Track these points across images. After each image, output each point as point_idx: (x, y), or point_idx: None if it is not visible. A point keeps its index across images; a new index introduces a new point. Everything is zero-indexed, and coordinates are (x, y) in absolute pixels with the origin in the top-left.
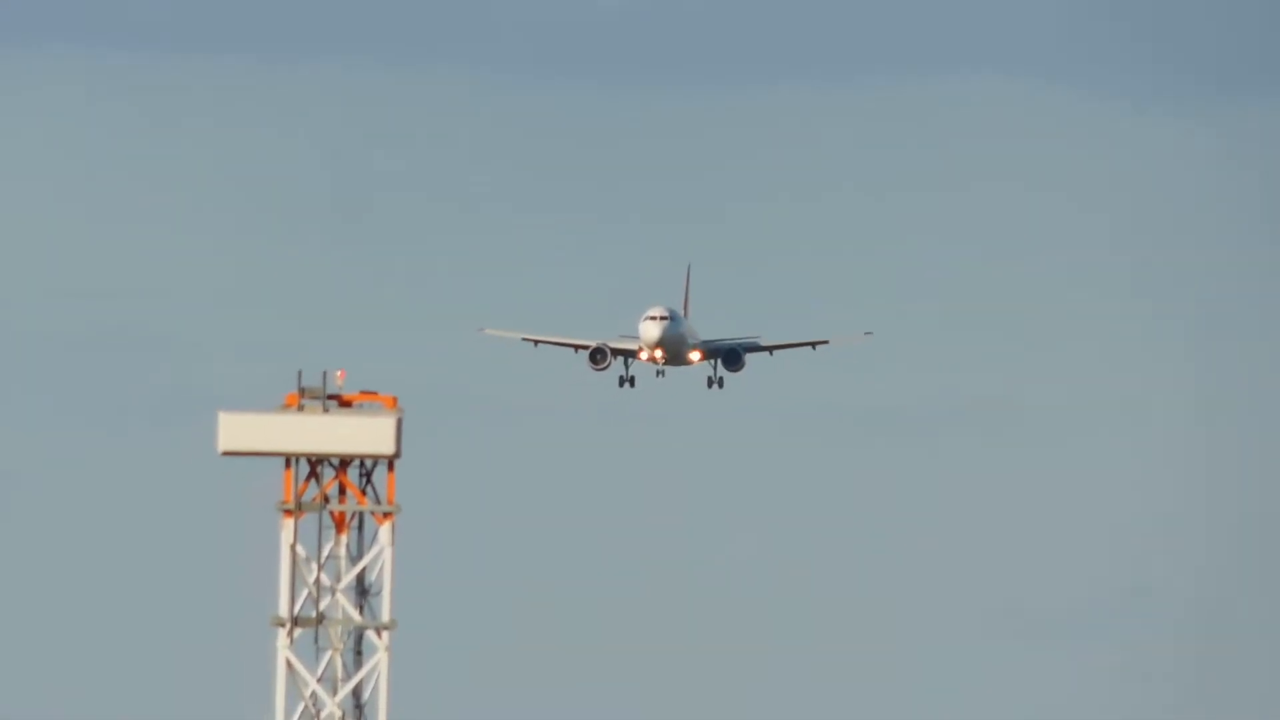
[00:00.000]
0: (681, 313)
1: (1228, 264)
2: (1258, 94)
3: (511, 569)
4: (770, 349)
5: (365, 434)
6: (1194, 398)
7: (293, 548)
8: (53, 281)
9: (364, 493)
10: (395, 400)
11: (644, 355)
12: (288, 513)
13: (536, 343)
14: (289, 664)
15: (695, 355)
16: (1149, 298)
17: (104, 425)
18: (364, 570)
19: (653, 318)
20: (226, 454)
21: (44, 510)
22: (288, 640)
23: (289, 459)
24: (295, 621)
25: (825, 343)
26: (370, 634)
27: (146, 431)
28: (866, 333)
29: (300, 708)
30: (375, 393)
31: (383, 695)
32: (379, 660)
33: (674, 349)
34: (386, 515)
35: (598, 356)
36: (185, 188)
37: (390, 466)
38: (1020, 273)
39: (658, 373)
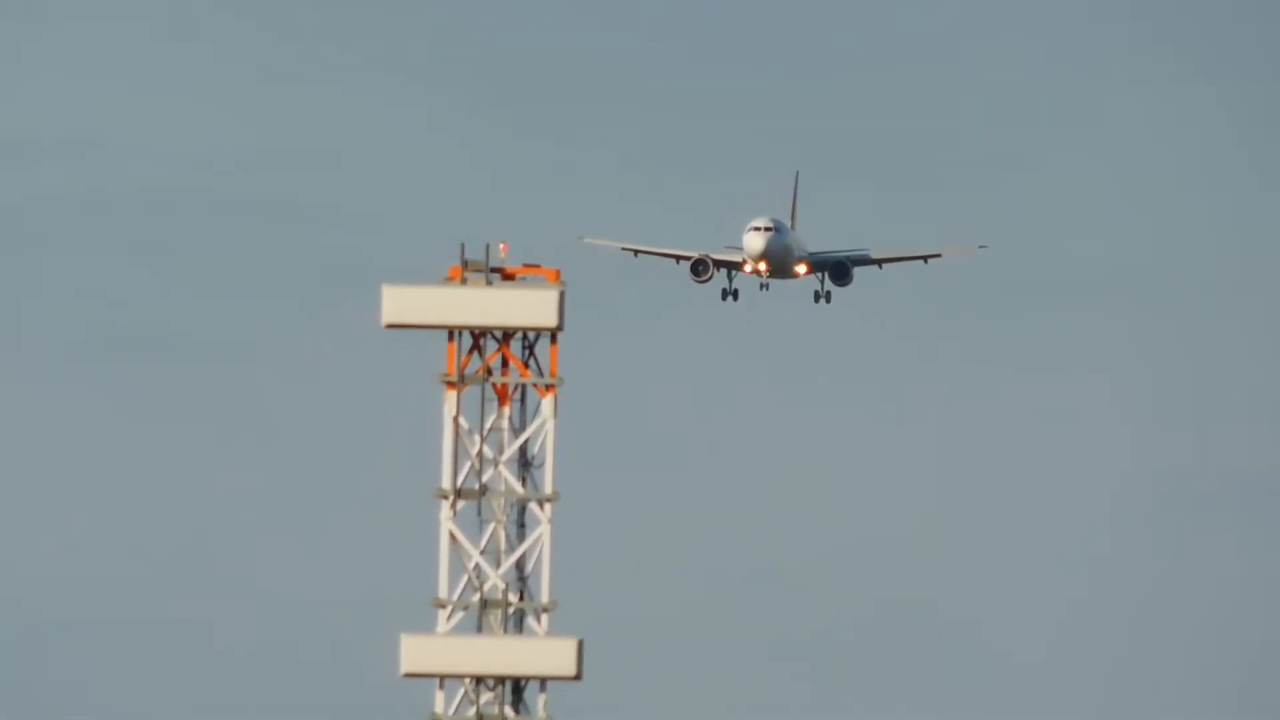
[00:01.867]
0: (788, 224)
1: None
2: None
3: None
4: (880, 262)
5: (528, 307)
6: None
7: (456, 420)
8: (215, 152)
9: (526, 365)
10: (558, 273)
11: (748, 268)
12: (450, 385)
13: (637, 253)
14: (452, 536)
15: (801, 268)
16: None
17: (270, 298)
18: (526, 443)
19: (756, 228)
20: (390, 326)
21: (208, 382)
22: (451, 512)
23: (452, 331)
24: (458, 494)
25: (937, 256)
26: (533, 506)
27: (311, 304)
28: (980, 246)
29: (464, 579)
30: (538, 265)
31: (545, 567)
32: (542, 532)
33: (779, 261)
34: (549, 388)
35: (699, 268)
36: (350, 59)
37: (553, 339)
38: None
39: (761, 286)
